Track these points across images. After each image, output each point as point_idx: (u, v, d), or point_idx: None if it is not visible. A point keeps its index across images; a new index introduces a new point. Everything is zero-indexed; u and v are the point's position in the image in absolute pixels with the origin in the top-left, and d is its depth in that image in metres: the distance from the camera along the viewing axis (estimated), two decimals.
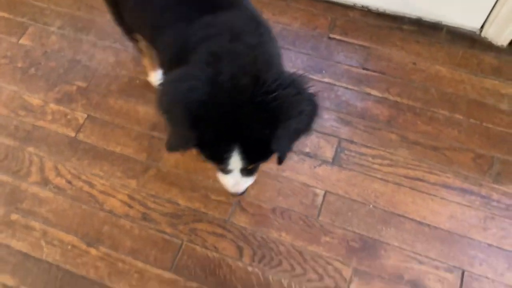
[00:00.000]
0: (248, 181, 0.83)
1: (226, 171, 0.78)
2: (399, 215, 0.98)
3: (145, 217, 1.00)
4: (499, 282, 0.90)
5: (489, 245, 0.94)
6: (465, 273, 0.92)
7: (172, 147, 0.73)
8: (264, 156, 0.71)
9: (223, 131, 0.66)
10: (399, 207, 0.99)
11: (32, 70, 1.21)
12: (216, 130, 0.66)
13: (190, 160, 1.06)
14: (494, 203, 0.98)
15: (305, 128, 0.71)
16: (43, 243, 0.98)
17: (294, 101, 0.66)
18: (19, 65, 1.22)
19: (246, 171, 0.78)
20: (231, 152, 0.68)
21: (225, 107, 0.64)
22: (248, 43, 0.70)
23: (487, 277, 0.91)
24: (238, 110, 0.64)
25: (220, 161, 0.71)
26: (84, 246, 0.97)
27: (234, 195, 0.88)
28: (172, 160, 1.06)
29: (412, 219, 0.97)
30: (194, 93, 0.64)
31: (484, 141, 1.06)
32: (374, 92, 1.13)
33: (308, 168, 1.04)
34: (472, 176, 1.02)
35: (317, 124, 1.09)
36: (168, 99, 0.68)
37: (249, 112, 0.64)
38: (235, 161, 0.69)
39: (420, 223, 0.97)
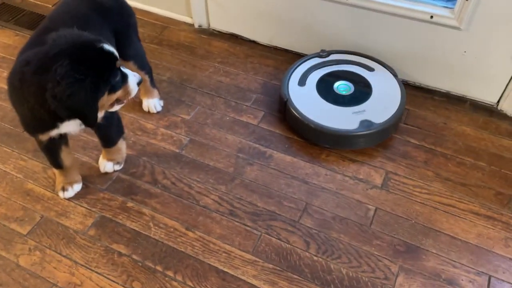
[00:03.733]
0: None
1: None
2: (436, 230, 1.22)
3: (231, 213, 1.27)
4: None
5: (510, 259, 1.16)
6: (492, 278, 1.12)
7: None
8: None
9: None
10: (436, 224, 1.23)
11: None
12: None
13: (266, 174, 1.36)
14: None
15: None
16: (151, 224, 1.25)
17: None
18: (138, 100, 1.61)
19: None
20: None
21: None
22: None
23: (509, 283, 1.11)
24: None
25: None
26: (183, 230, 1.23)
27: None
28: (253, 174, 1.36)
29: (446, 234, 1.21)
30: None
31: (503, 183, 1.32)
32: (413, 140, 1.44)
33: (361, 189, 1.31)
34: (494, 207, 1.26)
35: (368, 158, 1.39)
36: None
37: None
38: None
39: (453, 237, 1.20)
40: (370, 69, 1.54)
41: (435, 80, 1.59)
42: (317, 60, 1.57)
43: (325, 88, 1.48)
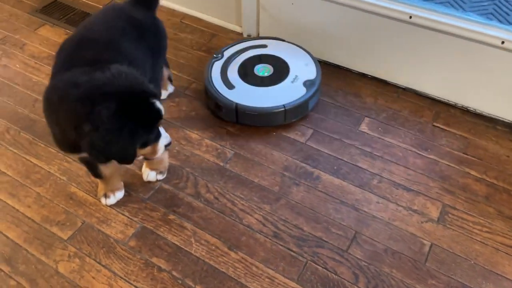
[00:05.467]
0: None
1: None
2: (497, 273, 1.12)
3: (276, 235, 1.21)
4: None
5: None
6: None
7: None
8: None
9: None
10: (497, 267, 1.13)
11: (193, 114, 1.55)
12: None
13: (313, 196, 1.29)
14: None
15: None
16: (193, 240, 1.20)
17: None
18: (183, 108, 1.57)
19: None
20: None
21: None
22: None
23: None
24: None
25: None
26: (225, 249, 1.18)
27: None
28: (300, 195, 1.30)
29: (509, 279, 1.11)
30: None
31: None
32: (473, 173, 1.35)
33: (416, 222, 1.23)
34: None
35: (424, 188, 1.30)
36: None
37: None
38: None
39: None
40: (264, 46, 1.65)
41: (498, 109, 1.48)
42: (219, 64, 1.60)
43: (250, 77, 1.54)
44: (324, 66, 1.72)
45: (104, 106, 0.92)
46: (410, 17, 1.44)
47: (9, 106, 1.57)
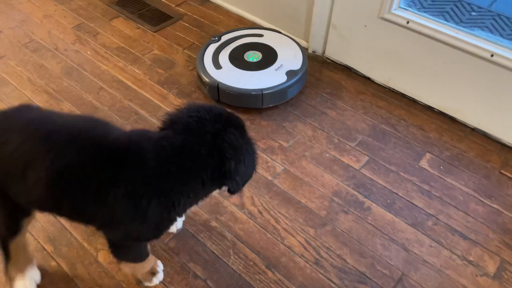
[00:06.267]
0: None
1: None
2: None
3: (317, 262, 1.16)
4: None
5: None
6: None
7: None
8: None
9: None
10: None
11: (248, 123, 1.54)
12: None
13: (361, 228, 1.23)
14: None
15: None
16: (231, 252, 1.18)
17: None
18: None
19: None
20: None
21: None
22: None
23: None
24: None
25: None
26: (263, 267, 1.14)
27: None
28: (347, 224, 1.24)
29: None
30: None
31: None
32: None
33: (470, 274, 1.14)
34: None
35: (482, 239, 1.21)
36: None
37: None
38: None
39: None
40: (260, 35, 1.75)
41: None
42: (214, 46, 1.70)
43: (239, 61, 1.64)
44: (389, 93, 1.65)
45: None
46: (492, 55, 1.35)
47: (75, 90, 1.64)
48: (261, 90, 1.51)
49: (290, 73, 1.57)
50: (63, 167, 0.79)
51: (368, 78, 1.71)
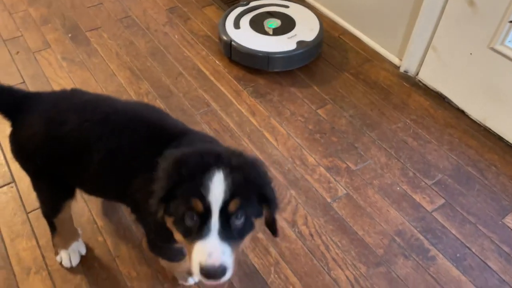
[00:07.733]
0: (229, 251, 0.65)
1: (200, 232, 0.64)
2: None
3: None
4: None
5: None
6: None
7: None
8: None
9: None
10: None
11: (317, 136, 1.45)
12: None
13: (420, 278, 1.09)
14: None
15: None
16: (272, 270, 1.11)
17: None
18: (310, 127, 1.48)
19: (226, 233, 0.64)
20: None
21: None
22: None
23: None
24: None
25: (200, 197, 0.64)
26: None
27: (209, 276, 0.65)
28: (405, 270, 1.11)
29: None
30: None
31: None
32: None
33: None
34: None
35: None
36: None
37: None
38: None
39: None
40: (286, 6, 1.82)
41: None
42: (241, 9, 1.80)
43: (257, 25, 1.73)
44: (483, 132, 1.46)
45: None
46: None
47: (156, 71, 1.67)
48: (268, 53, 1.60)
49: (300, 43, 1.63)
50: (118, 149, 0.79)
51: (462, 111, 1.53)
